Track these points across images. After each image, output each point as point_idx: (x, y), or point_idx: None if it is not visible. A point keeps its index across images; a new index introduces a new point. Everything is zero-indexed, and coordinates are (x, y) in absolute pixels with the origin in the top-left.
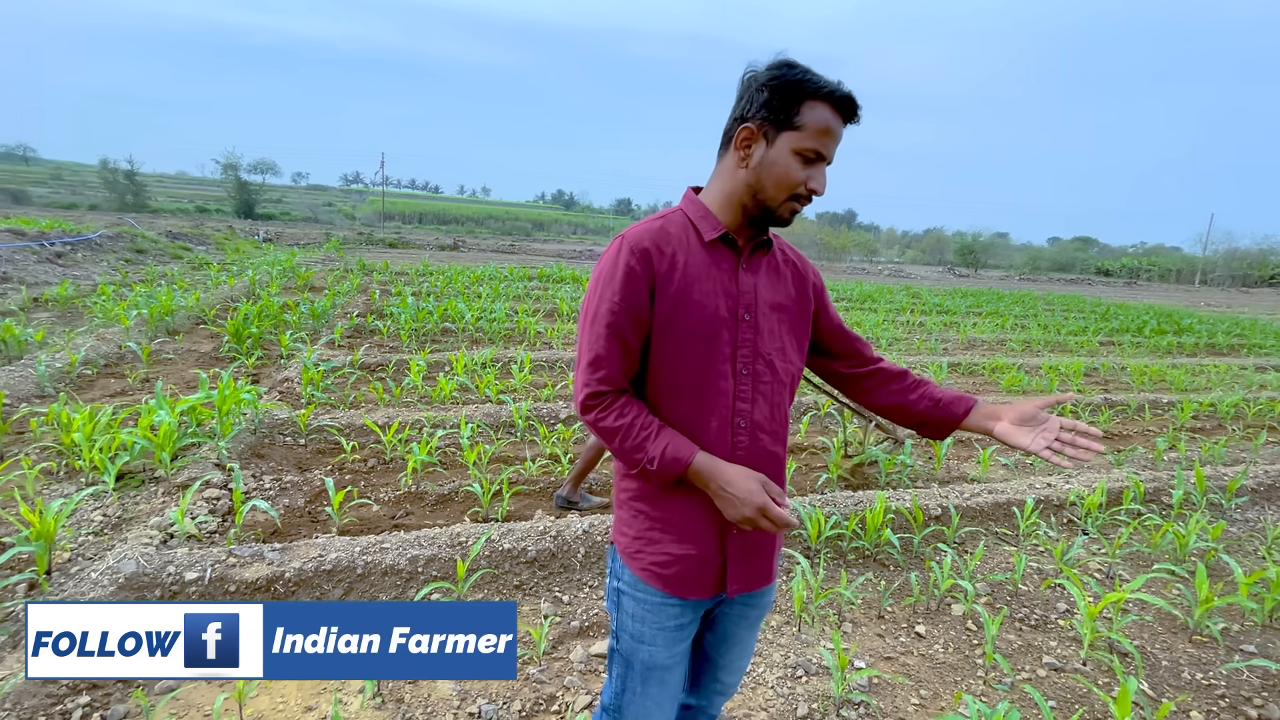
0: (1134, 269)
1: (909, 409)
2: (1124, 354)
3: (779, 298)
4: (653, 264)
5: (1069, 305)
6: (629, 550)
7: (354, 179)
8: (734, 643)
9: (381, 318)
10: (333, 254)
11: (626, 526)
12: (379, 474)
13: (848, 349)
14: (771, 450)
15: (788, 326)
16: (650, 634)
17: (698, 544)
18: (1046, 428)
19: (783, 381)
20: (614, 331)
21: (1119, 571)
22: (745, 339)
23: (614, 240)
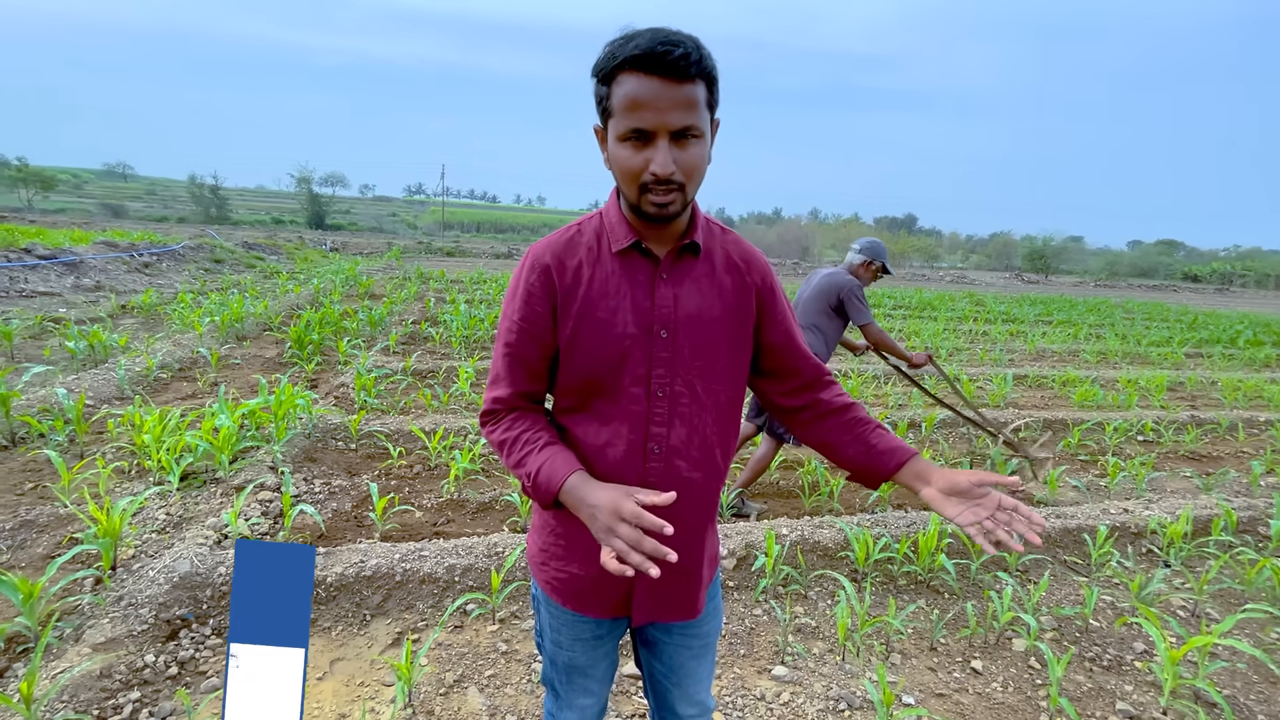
0: (1226, 274)
1: (840, 450)
2: (1214, 367)
3: (710, 310)
4: (554, 280)
5: (1151, 314)
6: (536, 560)
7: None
8: (684, 674)
9: (435, 325)
10: (393, 263)
11: (536, 535)
12: (423, 480)
13: (784, 366)
14: (688, 476)
15: (716, 342)
16: (567, 642)
17: (597, 565)
18: (982, 504)
19: (704, 403)
20: (512, 351)
21: (1206, 610)
22: (661, 358)
23: (525, 252)
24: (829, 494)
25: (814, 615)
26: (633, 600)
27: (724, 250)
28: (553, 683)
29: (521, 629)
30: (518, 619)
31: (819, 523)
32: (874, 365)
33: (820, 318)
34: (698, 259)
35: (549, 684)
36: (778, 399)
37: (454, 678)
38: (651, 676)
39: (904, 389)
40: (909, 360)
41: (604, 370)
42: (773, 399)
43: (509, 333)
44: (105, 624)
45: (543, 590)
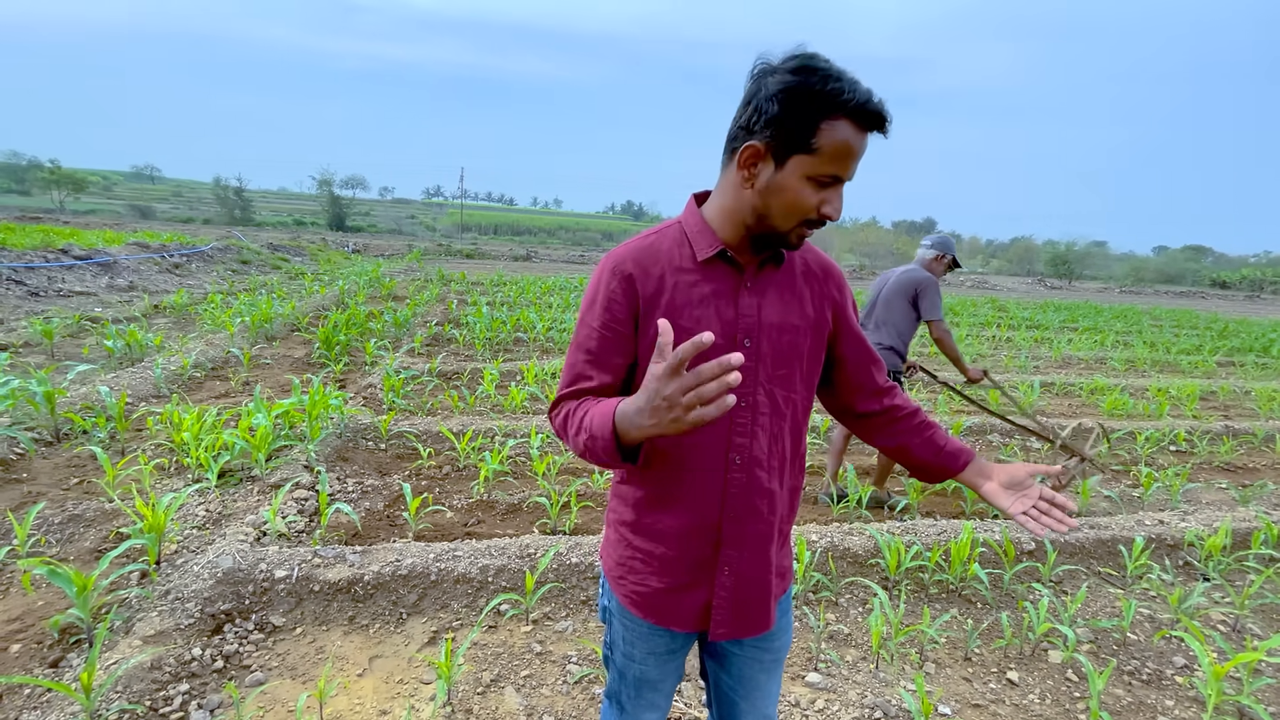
0: (1257, 280)
1: (912, 452)
2: (1247, 376)
3: (790, 318)
4: (636, 287)
5: (1179, 321)
6: (613, 574)
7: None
8: (752, 687)
9: (458, 326)
10: (414, 264)
11: (612, 549)
12: (453, 481)
13: (858, 376)
14: (769, 488)
15: (797, 351)
16: (640, 655)
17: (678, 578)
18: (1028, 494)
19: (783, 413)
20: (594, 357)
21: (1249, 625)
22: (745, 367)
23: (603, 259)
24: (857, 501)
25: (846, 622)
26: (711, 614)
27: (803, 259)
28: (619, 696)
29: (555, 630)
30: (551, 620)
31: (848, 529)
32: None
33: (900, 313)
34: (779, 268)
35: (613, 698)
36: (851, 406)
37: (490, 677)
38: (718, 688)
39: (927, 396)
40: (965, 372)
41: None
42: (845, 406)
43: (589, 339)
44: (154, 617)
45: (620, 603)
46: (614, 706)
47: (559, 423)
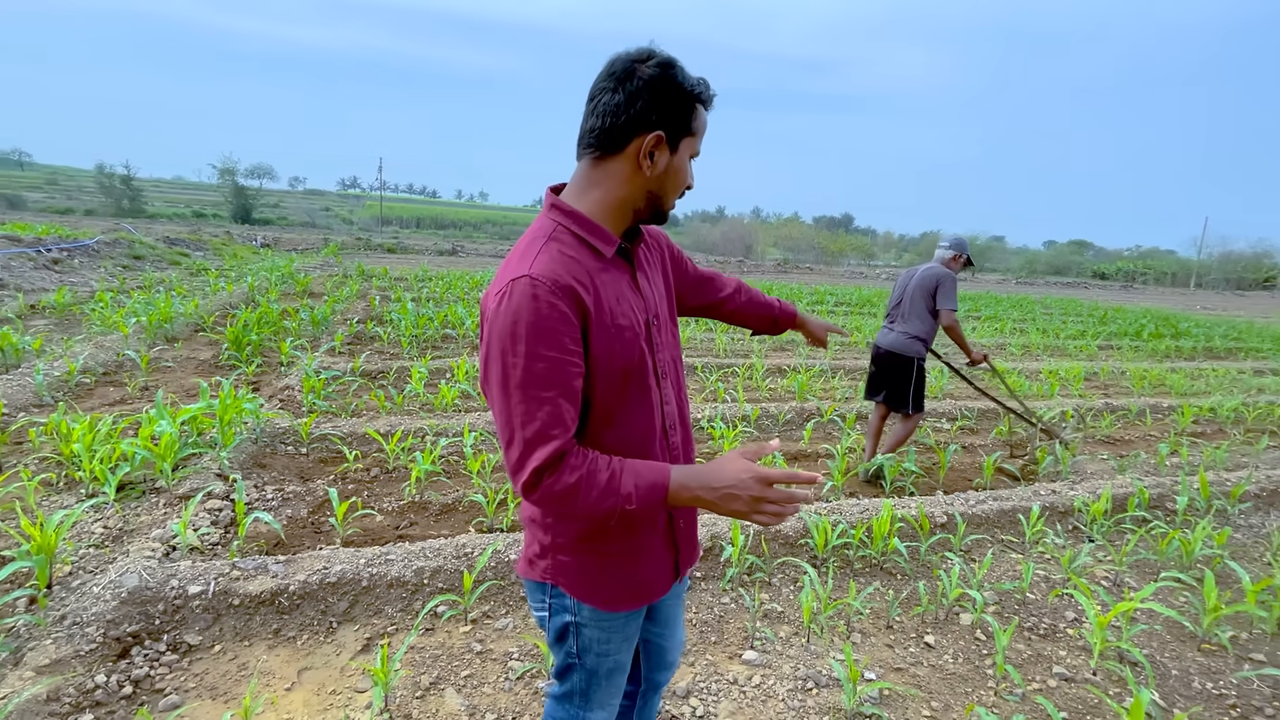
0: (1130, 272)
1: (759, 320)
2: (1123, 358)
3: (662, 286)
4: (582, 301)
5: (1067, 309)
6: (590, 591)
7: (351, 183)
8: (674, 623)
9: (382, 324)
10: (331, 259)
11: (578, 572)
12: (382, 483)
13: (712, 290)
14: (686, 437)
15: (673, 313)
16: (616, 645)
17: (657, 554)
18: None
19: (678, 371)
20: (560, 393)
21: (1126, 580)
22: (658, 343)
23: (512, 285)
24: (787, 484)
25: (779, 601)
26: (680, 561)
27: (645, 232)
28: (589, 695)
29: (495, 628)
30: (490, 619)
31: (816, 488)
32: (819, 360)
33: (922, 306)
34: (639, 246)
35: (576, 697)
36: (720, 308)
37: (429, 680)
38: (647, 644)
39: (849, 384)
40: (969, 353)
41: (633, 371)
42: (718, 312)
43: (551, 373)
44: (48, 645)
45: (599, 611)
46: (578, 704)
47: (563, 486)
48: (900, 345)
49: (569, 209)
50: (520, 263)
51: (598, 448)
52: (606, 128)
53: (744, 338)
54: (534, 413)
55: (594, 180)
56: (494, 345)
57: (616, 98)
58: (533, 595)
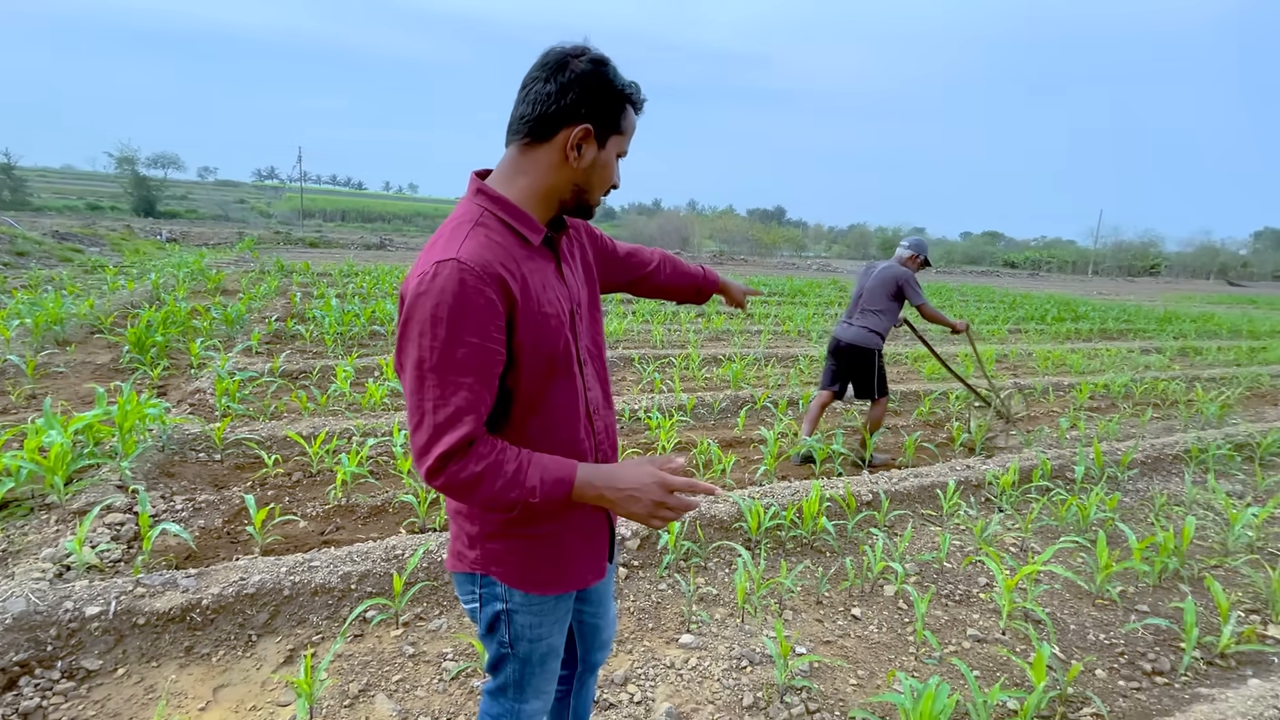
0: (1036, 261)
1: (683, 290)
2: (1030, 341)
3: (583, 275)
4: (509, 289)
5: (980, 296)
6: (522, 577)
7: (269, 174)
8: (606, 601)
9: (303, 322)
10: (247, 254)
11: (509, 558)
12: (305, 488)
13: (639, 265)
14: (610, 422)
15: (596, 301)
16: (548, 628)
17: (592, 535)
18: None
19: (600, 357)
20: (479, 379)
21: (1031, 545)
22: (581, 331)
23: (437, 267)
24: (721, 471)
25: (714, 584)
26: (614, 542)
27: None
28: (523, 685)
29: (428, 629)
30: (423, 620)
31: (714, 498)
32: (754, 350)
33: (884, 302)
34: (562, 236)
35: (510, 689)
36: (649, 281)
37: (358, 687)
38: (581, 625)
39: (781, 371)
40: (954, 327)
41: (558, 359)
42: (647, 285)
43: (470, 359)
44: None
45: (531, 595)
46: (512, 697)
47: (467, 475)
48: (861, 339)
49: (496, 195)
50: (447, 246)
51: (522, 435)
52: (536, 116)
53: (681, 329)
54: (448, 398)
55: (521, 168)
56: (413, 327)
57: (548, 87)
58: (462, 588)
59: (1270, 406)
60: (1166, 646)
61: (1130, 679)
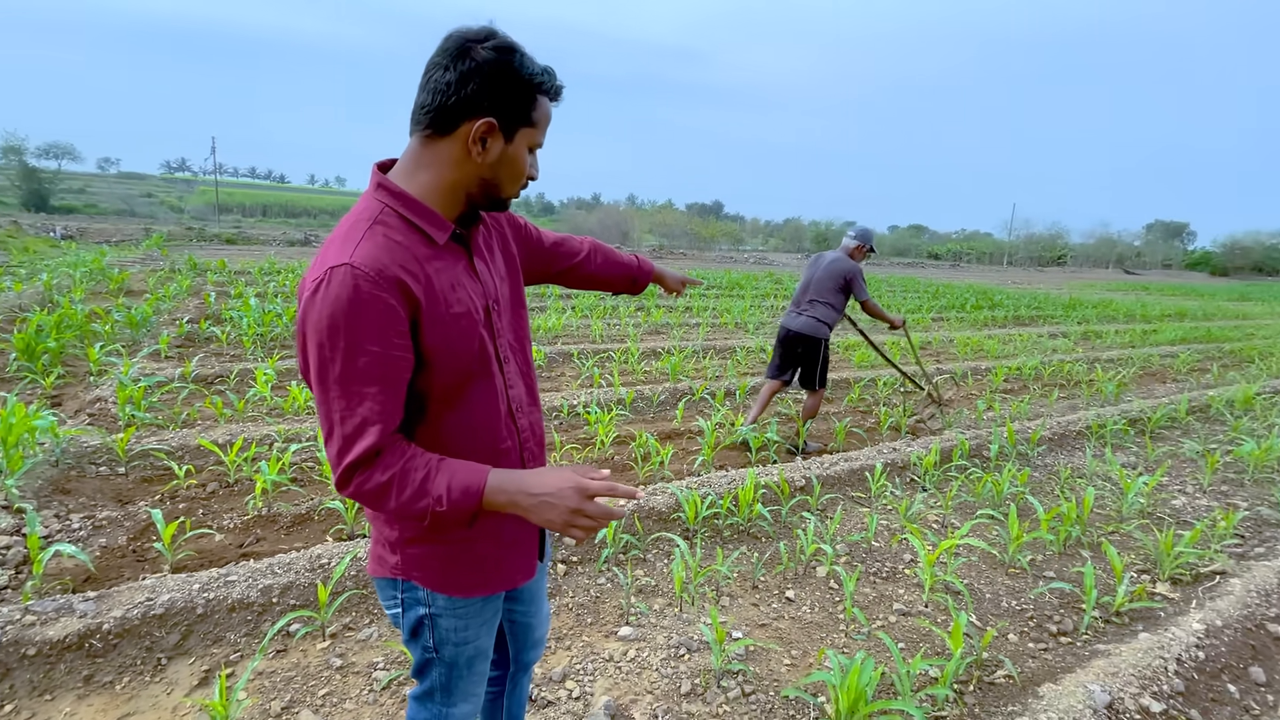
0: (957, 252)
1: (617, 280)
2: (951, 328)
3: (502, 269)
4: (411, 292)
5: (907, 286)
6: (444, 581)
7: (179, 166)
8: (539, 599)
9: (219, 323)
10: (155, 252)
11: (431, 560)
12: (222, 499)
13: (567, 254)
14: (534, 420)
15: (519, 296)
16: (475, 631)
17: (520, 534)
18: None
19: (523, 353)
20: (386, 387)
21: (951, 520)
22: (499, 328)
23: (330, 273)
24: (660, 463)
25: (653, 575)
26: (543, 542)
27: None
28: (450, 688)
29: (357, 639)
30: (352, 630)
31: (653, 490)
32: (693, 343)
33: (831, 295)
34: (479, 229)
35: (437, 692)
36: (579, 271)
37: (281, 705)
38: (513, 624)
39: (719, 363)
40: (892, 322)
41: (473, 359)
42: (577, 275)
43: (373, 368)
44: None
45: (455, 599)
46: (440, 701)
47: (374, 485)
48: (810, 329)
49: (397, 190)
50: (342, 249)
51: (439, 437)
52: (436, 106)
53: (620, 323)
54: (353, 408)
55: (424, 161)
56: (311, 337)
57: (448, 76)
58: (384, 593)
59: (1160, 384)
60: (1070, 608)
61: (1038, 640)
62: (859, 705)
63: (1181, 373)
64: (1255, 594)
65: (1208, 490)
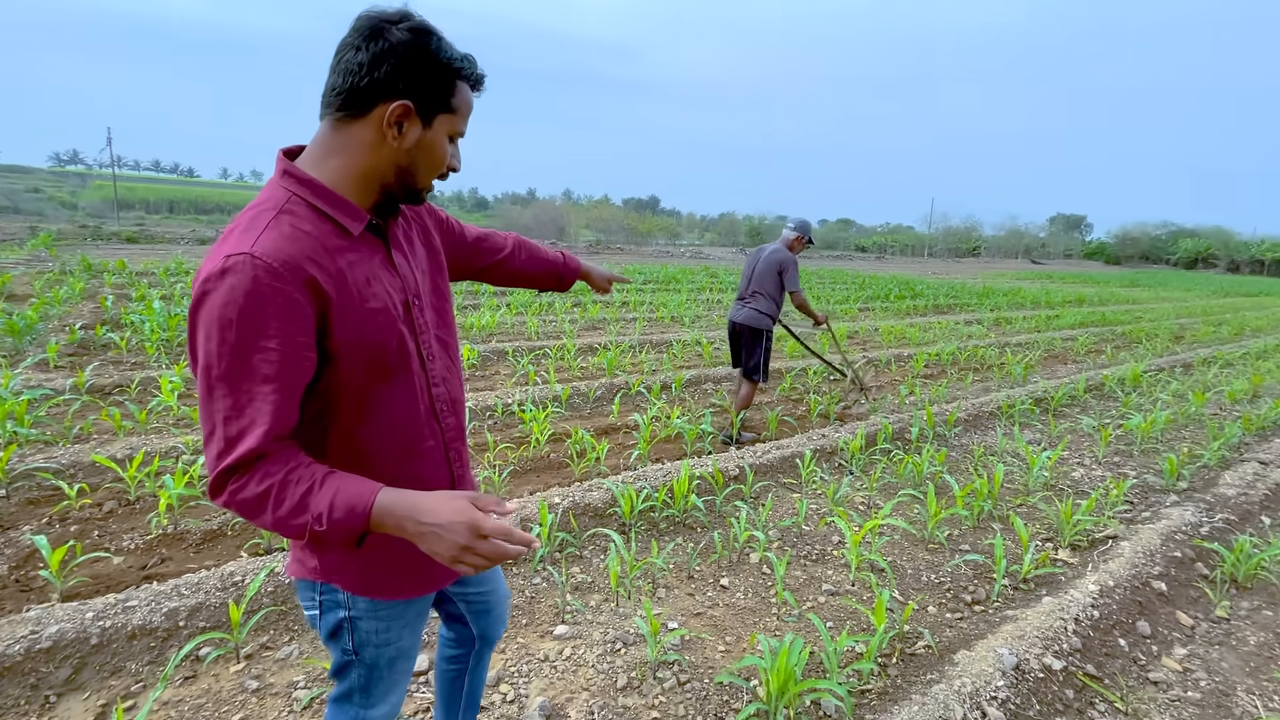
0: (882, 245)
1: (543, 276)
2: (876, 318)
3: (424, 263)
4: (319, 286)
5: (835, 278)
6: (363, 584)
7: (70, 159)
8: (494, 579)
9: (118, 328)
10: (43, 252)
11: (350, 564)
12: (121, 519)
13: (490, 250)
14: (459, 417)
15: (441, 291)
16: (397, 632)
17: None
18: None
19: (450, 350)
20: (279, 388)
21: (876, 501)
22: (421, 324)
23: (227, 261)
24: (596, 459)
25: (590, 572)
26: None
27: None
28: (367, 690)
29: (276, 659)
30: (270, 649)
31: (589, 486)
32: (629, 337)
33: (769, 285)
34: (398, 222)
35: (355, 694)
36: (502, 268)
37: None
38: (471, 608)
39: (655, 357)
40: (815, 319)
41: (390, 356)
42: (500, 272)
43: (264, 366)
44: None
45: (377, 601)
46: (359, 703)
47: (249, 495)
48: (752, 320)
49: (305, 177)
50: (242, 237)
51: (353, 438)
52: (348, 88)
53: (557, 319)
54: (240, 408)
55: (334, 146)
56: (200, 329)
57: (360, 56)
58: (303, 594)
59: (1062, 365)
60: (983, 578)
61: (955, 610)
62: (789, 685)
63: (1080, 354)
64: (1142, 555)
65: (1102, 461)
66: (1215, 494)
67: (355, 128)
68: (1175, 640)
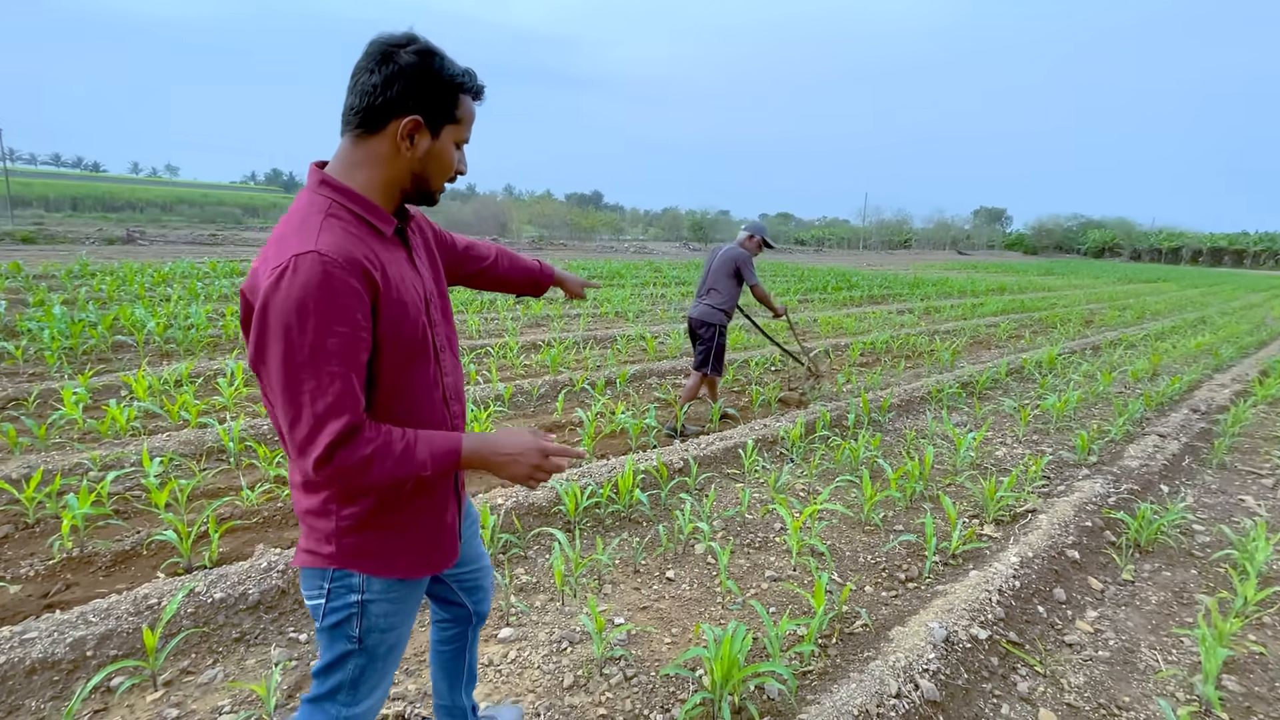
0: (820, 238)
1: (520, 283)
2: (815, 309)
3: (433, 267)
4: (373, 277)
5: (776, 271)
6: (381, 566)
7: None
8: (479, 557)
9: (12, 336)
10: None
11: (368, 546)
12: (18, 544)
13: (477, 258)
14: (462, 405)
15: (439, 287)
16: (402, 616)
17: (450, 512)
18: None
19: (453, 344)
20: (352, 369)
21: (816, 487)
22: (435, 319)
23: (296, 260)
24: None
25: (535, 572)
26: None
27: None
28: (359, 683)
29: (198, 684)
30: (192, 674)
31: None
32: (573, 333)
33: (725, 281)
34: (412, 228)
35: (343, 689)
36: (488, 274)
37: None
38: (462, 586)
39: (599, 353)
40: (775, 310)
41: (418, 346)
42: (485, 278)
43: (343, 349)
44: None
45: (392, 581)
46: (344, 700)
47: (358, 458)
48: (706, 315)
49: (342, 186)
50: (302, 238)
51: (386, 419)
52: (365, 107)
53: (499, 317)
54: (326, 388)
55: (357, 159)
56: (276, 322)
57: (374, 79)
58: (309, 583)
59: (986, 350)
60: (916, 556)
61: (890, 589)
62: (732, 673)
63: (1002, 340)
64: (1057, 526)
65: (1023, 440)
66: (1121, 466)
67: (373, 142)
68: (1087, 604)
